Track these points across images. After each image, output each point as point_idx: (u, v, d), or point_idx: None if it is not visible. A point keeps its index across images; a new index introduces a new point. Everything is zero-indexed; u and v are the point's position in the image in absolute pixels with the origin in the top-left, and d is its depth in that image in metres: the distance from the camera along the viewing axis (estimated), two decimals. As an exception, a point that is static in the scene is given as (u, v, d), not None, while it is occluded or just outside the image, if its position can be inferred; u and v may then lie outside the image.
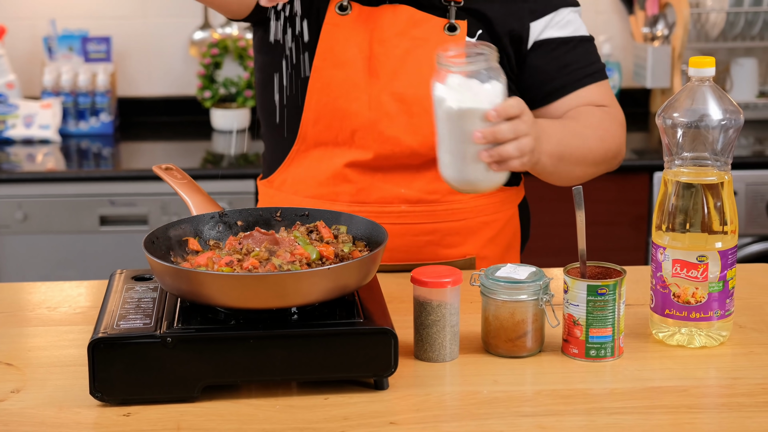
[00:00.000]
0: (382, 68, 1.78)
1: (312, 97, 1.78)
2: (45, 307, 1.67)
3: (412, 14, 1.79)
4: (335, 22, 1.80)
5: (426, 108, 1.74)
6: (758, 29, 3.46)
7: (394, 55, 1.78)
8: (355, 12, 1.80)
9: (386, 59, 1.78)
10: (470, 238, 1.84)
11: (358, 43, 1.79)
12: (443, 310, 1.44)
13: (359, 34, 1.79)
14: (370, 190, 1.79)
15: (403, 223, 1.79)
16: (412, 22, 1.79)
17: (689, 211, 1.46)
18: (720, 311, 1.47)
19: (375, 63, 1.78)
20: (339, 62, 1.78)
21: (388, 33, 1.79)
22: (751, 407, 1.33)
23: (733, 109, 1.45)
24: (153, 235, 1.46)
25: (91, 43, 3.44)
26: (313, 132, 1.80)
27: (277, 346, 1.33)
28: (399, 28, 1.79)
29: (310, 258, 1.41)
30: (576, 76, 1.82)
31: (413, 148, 1.77)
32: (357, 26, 1.80)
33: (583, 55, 1.84)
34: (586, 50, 1.85)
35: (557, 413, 1.31)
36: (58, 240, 3.00)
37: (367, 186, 1.79)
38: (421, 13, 1.79)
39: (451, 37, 1.78)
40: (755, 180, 3.07)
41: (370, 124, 1.77)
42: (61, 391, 1.37)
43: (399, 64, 1.78)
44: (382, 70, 1.78)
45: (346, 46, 1.78)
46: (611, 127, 1.80)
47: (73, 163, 3.20)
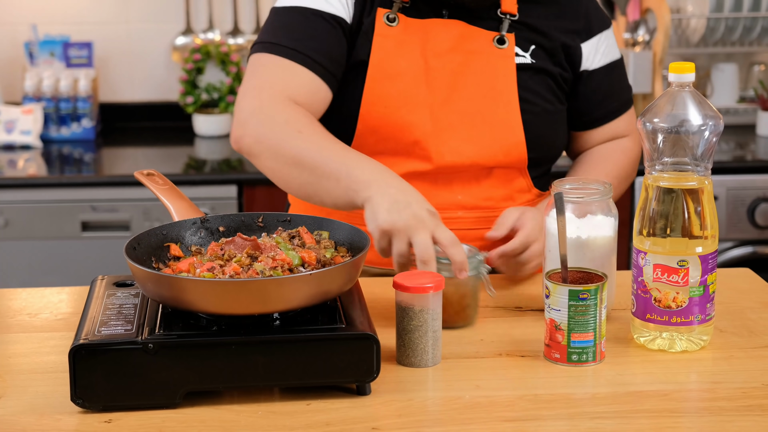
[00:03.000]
0: (440, 81, 1.79)
1: (368, 109, 1.77)
2: (26, 313, 1.66)
3: (461, 28, 1.80)
4: (385, 33, 1.78)
5: (485, 122, 1.76)
6: (738, 35, 3.48)
7: (450, 69, 1.79)
8: (402, 24, 1.79)
9: (443, 72, 1.79)
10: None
11: (410, 54, 1.79)
12: (425, 315, 1.44)
13: (411, 47, 1.79)
14: (427, 197, 1.75)
15: (459, 228, 1.78)
16: (463, 36, 1.80)
17: (670, 216, 1.47)
18: (701, 316, 1.48)
19: (432, 76, 1.79)
20: (393, 74, 1.77)
21: (442, 47, 1.79)
22: (732, 411, 1.33)
23: (713, 114, 1.46)
24: (134, 240, 1.46)
25: (73, 49, 3.43)
26: (370, 142, 1.79)
27: (259, 351, 1.33)
28: (452, 42, 1.80)
29: (292, 264, 1.41)
30: (613, 106, 1.91)
31: (473, 159, 1.79)
32: (408, 38, 1.79)
33: (619, 82, 1.92)
34: (621, 75, 1.92)
35: (539, 418, 1.32)
36: (39, 246, 2.99)
37: (424, 193, 1.74)
38: (471, 27, 1.81)
39: (501, 51, 1.80)
40: (736, 185, 3.08)
41: (432, 136, 1.78)
42: (41, 397, 1.37)
43: (456, 77, 1.79)
44: (441, 82, 1.79)
45: (399, 58, 1.78)
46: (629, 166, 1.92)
47: (54, 169, 3.19)
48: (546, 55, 1.83)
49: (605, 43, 1.88)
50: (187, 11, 3.53)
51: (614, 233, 1.57)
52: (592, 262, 1.54)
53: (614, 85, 1.91)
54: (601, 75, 1.88)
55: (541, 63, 1.82)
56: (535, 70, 1.82)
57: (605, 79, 1.89)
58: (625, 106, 1.93)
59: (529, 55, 1.82)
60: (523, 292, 1.74)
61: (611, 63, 1.89)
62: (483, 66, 1.80)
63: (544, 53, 1.83)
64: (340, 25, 1.77)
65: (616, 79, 1.91)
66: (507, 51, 1.81)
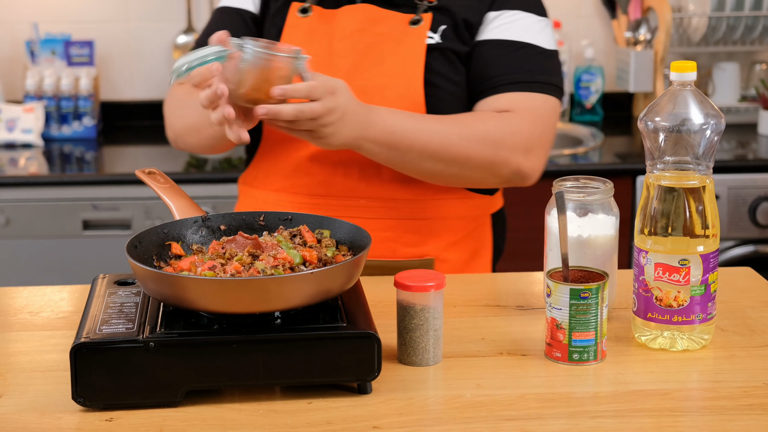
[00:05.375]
0: (343, 63, 1.80)
1: None
2: (27, 311, 1.67)
3: (372, 11, 1.82)
4: (296, 24, 1.84)
5: (387, 99, 1.76)
6: (740, 34, 3.47)
7: (356, 51, 1.80)
8: (315, 14, 1.84)
9: (348, 54, 1.81)
10: (431, 239, 1.85)
11: (318, 41, 1.82)
12: (426, 314, 1.44)
13: (319, 34, 1.82)
14: (330, 184, 1.81)
15: (362, 217, 1.79)
16: (374, 20, 1.82)
17: (671, 215, 1.47)
18: (702, 315, 1.48)
19: (336, 59, 1.81)
20: None
21: (348, 30, 1.82)
22: (733, 410, 1.33)
23: (715, 113, 1.46)
24: (136, 239, 1.46)
25: (74, 47, 3.43)
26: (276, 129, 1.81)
27: (260, 350, 1.33)
28: (358, 25, 1.81)
29: (293, 262, 1.41)
30: (502, 80, 1.80)
31: None
32: (317, 27, 1.83)
33: (520, 62, 1.81)
34: (528, 58, 1.82)
35: (540, 417, 1.32)
36: (40, 244, 2.99)
37: (327, 179, 1.81)
38: (382, 11, 1.82)
39: (414, 29, 1.79)
40: (737, 184, 3.08)
41: None
42: (43, 396, 1.37)
43: (361, 58, 1.80)
44: (343, 64, 1.80)
45: (307, 45, 1.80)
46: (487, 131, 1.75)
47: (55, 168, 3.19)
48: (454, 34, 1.82)
49: (507, 21, 1.83)
50: (189, 10, 3.53)
51: (615, 232, 1.57)
52: (593, 261, 1.54)
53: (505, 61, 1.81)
54: (488, 47, 1.82)
55: (448, 42, 1.81)
56: (441, 50, 1.81)
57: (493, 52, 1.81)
58: (515, 85, 1.80)
59: (438, 35, 1.81)
60: (525, 290, 1.74)
61: (507, 40, 1.82)
62: (391, 47, 1.80)
63: (452, 32, 1.82)
64: (242, 17, 1.89)
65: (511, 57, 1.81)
66: (420, 30, 1.80)
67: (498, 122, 1.76)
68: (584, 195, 1.55)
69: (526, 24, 1.83)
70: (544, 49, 1.84)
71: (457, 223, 1.87)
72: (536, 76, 1.81)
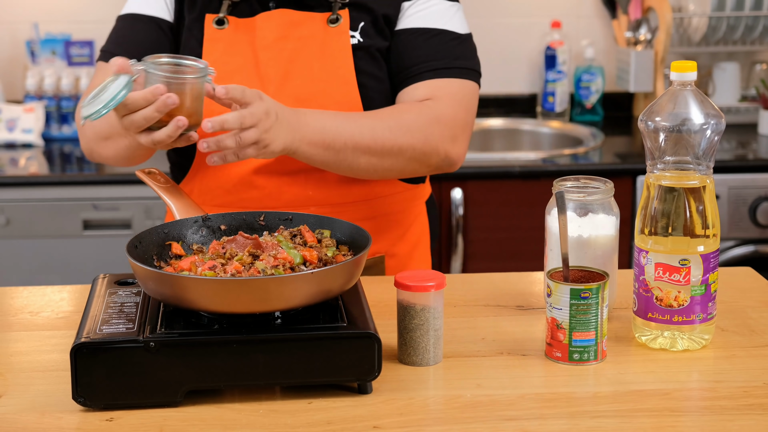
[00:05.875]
0: (272, 73, 1.79)
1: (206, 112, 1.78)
2: (27, 311, 1.67)
3: (289, 16, 1.81)
4: (214, 37, 1.81)
5: (323, 106, 1.76)
6: (740, 34, 3.48)
7: (282, 58, 1.79)
8: (232, 25, 1.81)
9: (274, 63, 1.79)
10: (380, 236, 1.86)
11: (241, 53, 1.80)
12: (426, 314, 1.44)
13: (240, 45, 1.80)
14: (277, 194, 1.79)
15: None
16: (292, 24, 1.80)
17: (671, 215, 1.47)
18: (702, 314, 1.48)
19: (264, 69, 1.79)
20: (223, 74, 1.76)
21: (269, 38, 1.80)
22: (733, 410, 1.33)
23: (715, 113, 1.46)
24: (136, 239, 1.46)
25: (74, 47, 3.43)
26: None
27: (261, 350, 1.33)
28: (278, 32, 1.80)
29: (293, 262, 1.41)
30: (419, 69, 1.80)
31: None
32: (237, 37, 1.81)
33: (436, 49, 1.81)
34: (443, 44, 1.82)
35: (540, 417, 1.32)
36: (40, 244, 2.99)
37: (274, 190, 1.79)
38: (300, 13, 1.81)
39: (334, 29, 1.79)
40: (737, 184, 3.08)
41: None
42: (43, 396, 1.37)
43: (288, 65, 1.79)
44: (273, 74, 1.79)
45: (229, 58, 1.79)
46: (414, 121, 1.74)
47: (56, 167, 3.19)
48: (374, 30, 1.81)
49: (420, 8, 1.82)
50: (189, 10, 3.53)
51: (616, 232, 1.57)
52: (593, 261, 1.54)
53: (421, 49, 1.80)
54: (403, 36, 1.82)
55: (369, 40, 1.81)
56: (365, 49, 1.80)
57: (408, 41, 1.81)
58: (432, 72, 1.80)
59: (358, 33, 1.80)
60: (525, 290, 1.74)
61: (422, 28, 1.81)
62: (317, 49, 1.79)
63: (372, 29, 1.81)
64: (158, 25, 1.84)
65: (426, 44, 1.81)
66: (341, 28, 1.79)
67: (422, 111, 1.76)
68: (584, 195, 1.55)
69: (439, 10, 1.83)
70: (458, 33, 1.84)
71: (400, 217, 1.89)
72: (453, 62, 1.81)
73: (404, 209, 1.90)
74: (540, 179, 3.05)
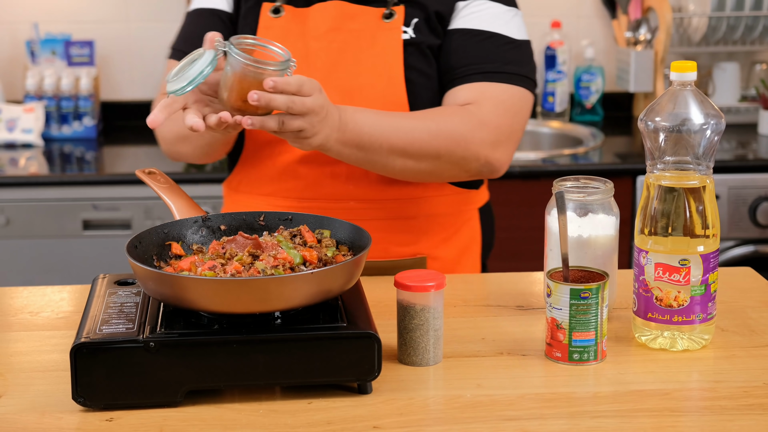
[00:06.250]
0: (320, 63, 1.79)
1: None
2: (27, 311, 1.67)
3: (344, 8, 1.81)
4: (269, 25, 1.83)
5: (368, 99, 1.76)
6: (740, 34, 3.47)
7: (331, 50, 1.80)
8: (288, 14, 1.83)
9: (324, 54, 1.80)
10: (422, 237, 1.85)
11: (292, 42, 1.81)
12: (426, 314, 1.44)
13: (293, 34, 1.82)
14: (318, 186, 1.80)
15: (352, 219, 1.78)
16: (346, 16, 1.81)
17: (671, 215, 1.47)
18: (702, 315, 1.48)
19: (313, 59, 1.80)
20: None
21: (321, 29, 1.81)
22: (733, 410, 1.33)
23: (715, 113, 1.46)
24: (136, 239, 1.46)
25: (74, 47, 3.43)
26: (258, 133, 1.81)
27: (261, 350, 1.33)
28: (331, 23, 1.81)
29: (293, 262, 1.41)
30: (467, 71, 1.78)
31: None
32: (290, 27, 1.82)
33: (487, 52, 1.79)
34: (495, 48, 1.80)
35: (540, 417, 1.32)
36: (40, 244, 2.99)
37: (315, 182, 1.80)
38: (355, 6, 1.81)
39: (388, 24, 1.78)
40: (737, 184, 3.08)
41: None
42: (43, 396, 1.37)
43: (336, 56, 1.79)
44: (321, 64, 1.79)
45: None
46: (454, 124, 1.73)
47: (56, 168, 3.19)
48: (427, 27, 1.81)
49: (475, 10, 1.81)
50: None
51: (615, 232, 1.57)
52: (593, 261, 1.54)
53: (472, 51, 1.79)
54: (455, 36, 1.81)
55: (421, 36, 1.80)
56: (416, 45, 1.80)
57: (460, 42, 1.80)
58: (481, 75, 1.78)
59: (411, 29, 1.80)
60: (525, 290, 1.74)
61: (475, 30, 1.80)
62: (367, 43, 1.79)
63: (425, 26, 1.81)
64: (219, 17, 1.88)
65: (478, 46, 1.79)
66: (394, 24, 1.79)
67: (464, 115, 1.75)
68: (584, 195, 1.55)
69: (494, 13, 1.81)
70: (513, 39, 1.82)
71: (446, 220, 1.88)
72: (503, 66, 1.79)
73: (451, 212, 1.87)
74: (540, 179, 3.05)
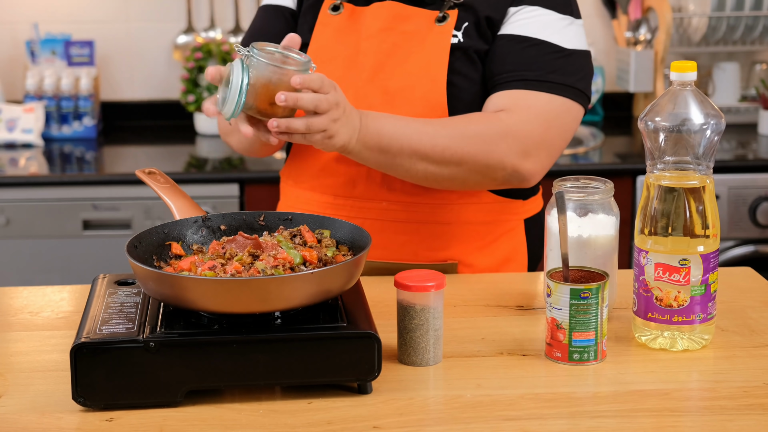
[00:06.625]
0: (368, 61, 1.80)
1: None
2: (27, 311, 1.67)
3: (398, 9, 1.81)
4: (326, 22, 1.84)
5: (409, 101, 1.76)
6: (740, 34, 3.47)
7: (381, 50, 1.80)
8: (346, 12, 1.84)
9: (373, 54, 1.80)
10: (454, 243, 1.83)
11: (346, 40, 1.82)
12: (426, 314, 1.44)
13: (348, 32, 1.83)
14: (353, 184, 1.80)
15: (384, 219, 1.80)
16: (400, 18, 1.81)
17: (671, 215, 1.47)
18: (702, 315, 1.48)
19: (362, 58, 1.80)
20: (327, 59, 1.80)
21: (374, 28, 1.81)
22: (733, 410, 1.33)
23: (715, 113, 1.46)
24: (136, 239, 1.46)
25: (74, 47, 3.43)
26: None
27: (261, 350, 1.33)
28: (383, 23, 1.81)
29: (293, 262, 1.41)
30: (508, 77, 1.76)
31: None
32: (347, 25, 1.83)
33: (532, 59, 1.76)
34: (541, 56, 1.76)
35: (540, 417, 1.32)
36: (40, 244, 2.99)
37: (350, 180, 1.80)
38: (409, 8, 1.81)
39: (440, 27, 1.78)
40: (737, 184, 3.08)
41: None
42: (43, 396, 1.37)
43: (385, 57, 1.80)
44: (368, 63, 1.80)
45: (336, 44, 1.82)
46: (479, 131, 1.70)
47: (56, 168, 3.19)
48: (476, 32, 1.79)
49: (525, 16, 1.78)
50: (189, 9, 3.53)
51: (616, 232, 1.57)
52: (593, 261, 1.54)
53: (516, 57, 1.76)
54: (502, 41, 1.78)
55: (470, 41, 1.79)
56: (463, 50, 1.78)
57: (506, 48, 1.77)
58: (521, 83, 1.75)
59: (461, 33, 1.79)
60: (525, 290, 1.74)
61: (522, 36, 1.77)
62: (417, 45, 1.79)
63: (474, 30, 1.79)
64: (283, 14, 1.90)
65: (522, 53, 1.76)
66: (445, 28, 1.78)
67: (491, 123, 1.72)
68: (584, 195, 1.55)
69: (545, 21, 1.77)
70: (563, 48, 1.77)
71: (483, 228, 1.84)
72: (547, 74, 1.74)
73: (489, 221, 1.83)
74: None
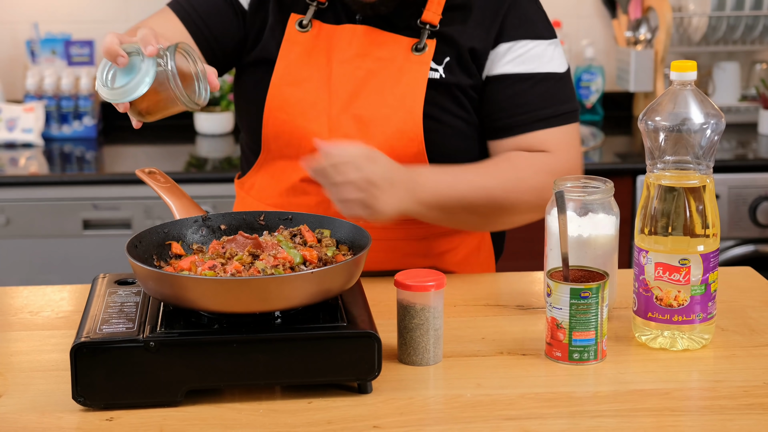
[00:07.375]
0: (342, 89, 1.75)
1: (270, 114, 1.77)
2: (27, 311, 1.67)
3: (374, 34, 1.76)
4: (294, 39, 1.78)
5: (384, 132, 1.74)
6: (740, 33, 3.47)
7: (355, 77, 1.75)
8: (315, 30, 1.78)
9: (346, 80, 1.75)
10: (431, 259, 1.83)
11: (316, 61, 1.77)
12: (426, 313, 1.44)
13: (318, 53, 1.77)
14: (327, 204, 1.76)
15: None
16: (374, 43, 1.76)
17: (671, 214, 1.47)
18: (702, 314, 1.48)
19: (335, 83, 1.76)
20: (296, 81, 1.76)
21: (348, 53, 1.76)
22: (733, 410, 1.33)
23: (715, 113, 1.46)
24: (136, 239, 1.46)
25: (74, 47, 3.43)
26: (275, 147, 1.80)
27: (261, 350, 1.33)
28: (358, 48, 1.76)
29: (293, 262, 1.41)
30: (527, 119, 1.76)
31: None
32: (317, 44, 1.78)
33: (542, 96, 1.77)
34: (547, 90, 1.77)
35: (540, 416, 1.32)
36: (40, 244, 2.99)
37: (324, 199, 1.76)
38: (384, 33, 1.76)
39: (417, 57, 1.74)
40: (737, 183, 3.08)
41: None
42: (43, 395, 1.37)
43: (360, 84, 1.75)
44: (342, 89, 1.75)
45: (305, 65, 1.77)
46: (532, 177, 1.73)
47: (56, 167, 3.19)
48: (458, 66, 1.75)
49: (520, 53, 1.76)
50: (189, 9, 3.52)
51: (616, 231, 1.57)
52: (593, 261, 1.54)
53: (537, 99, 1.76)
54: (506, 82, 1.76)
55: (452, 77, 1.75)
56: (445, 85, 1.75)
57: (512, 88, 1.76)
58: (549, 121, 1.77)
59: (442, 68, 1.75)
60: (525, 290, 1.74)
61: (525, 74, 1.76)
62: (393, 74, 1.75)
63: (456, 64, 1.75)
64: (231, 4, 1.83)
65: (542, 93, 1.77)
66: (423, 58, 1.74)
67: (538, 167, 1.74)
68: (584, 194, 1.55)
69: (539, 52, 1.77)
70: (560, 74, 1.79)
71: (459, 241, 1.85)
72: (559, 107, 1.78)
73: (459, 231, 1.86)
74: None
